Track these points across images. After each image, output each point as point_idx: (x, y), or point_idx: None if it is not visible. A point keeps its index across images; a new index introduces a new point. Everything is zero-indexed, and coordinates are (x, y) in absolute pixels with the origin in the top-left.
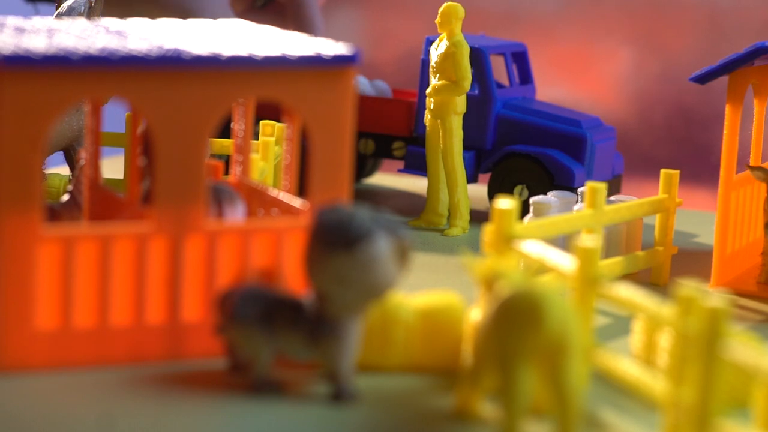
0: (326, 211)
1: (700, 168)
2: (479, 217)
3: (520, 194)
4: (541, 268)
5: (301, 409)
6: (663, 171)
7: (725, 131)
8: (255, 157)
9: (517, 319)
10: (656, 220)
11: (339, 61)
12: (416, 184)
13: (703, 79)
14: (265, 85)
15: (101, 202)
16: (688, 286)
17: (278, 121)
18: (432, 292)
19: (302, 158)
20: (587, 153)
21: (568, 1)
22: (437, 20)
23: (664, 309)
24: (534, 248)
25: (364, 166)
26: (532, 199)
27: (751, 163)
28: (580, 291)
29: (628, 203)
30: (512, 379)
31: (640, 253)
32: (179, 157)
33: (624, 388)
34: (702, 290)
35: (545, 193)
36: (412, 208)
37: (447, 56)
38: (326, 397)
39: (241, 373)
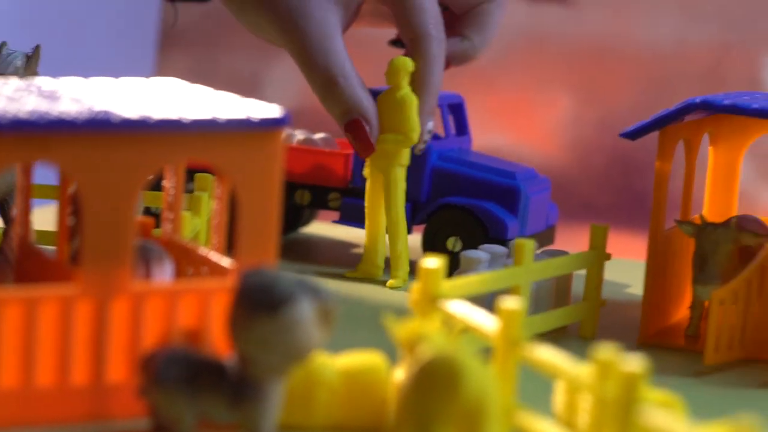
0: (250, 274)
1: (638, 215)
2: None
3: (454, 246)
4: (465, 329)
5: None
6: (592, 225)
7: (655, 186)
8: (186, 214)
9: (435, 384)
10: (585, 273)
11: (268, 123)
12: (352, 234)
13: (634, 135)
14: (194, 148)
15: (31, 262)
16: (605, 350)
17: (213, 174)
18: (356, 353)
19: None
20: (521, 205)
21: (507, 50)
22: (386, 72)
23: (583, 372)
24: (458, 308)
25: (300, 216)
26: (462, 254)
27: (681, 218)
28: (502, 352)
29: (556, 260)
30: None
31: (569, 307)
32: (107, 219)
33: None
34: (620, 353)
35: (479, 245)
36: (348, 258)
37: (396, 109)
38: None
39: None
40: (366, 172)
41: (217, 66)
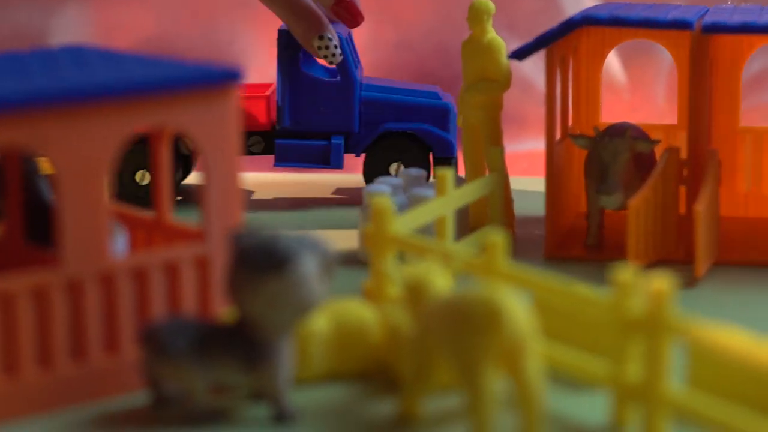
0: (245, 236)
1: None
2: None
3: (397, 172)
4: (461, 267)
5: None
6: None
7: (546, 103)
8: None
9: (477, 325)
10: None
11: (227, 78)
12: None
13: (520, 55)
14: (159, 111)
15: None
16: (625, 270)
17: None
18: (336, 300)
19: None
20: (452, 123)
21: None
22: (468, 18)
23: (601, 295)
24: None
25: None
26: (365, 190)
27: (565, 131)
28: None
29: (468, 186)
30: (479, 384)
31: (480, 232)
32: (82, 197)
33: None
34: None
35: (423, 168)
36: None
37: (484, 55)
38: (268, 419)
39: (168, 406)
40: (459, 122)
41: None
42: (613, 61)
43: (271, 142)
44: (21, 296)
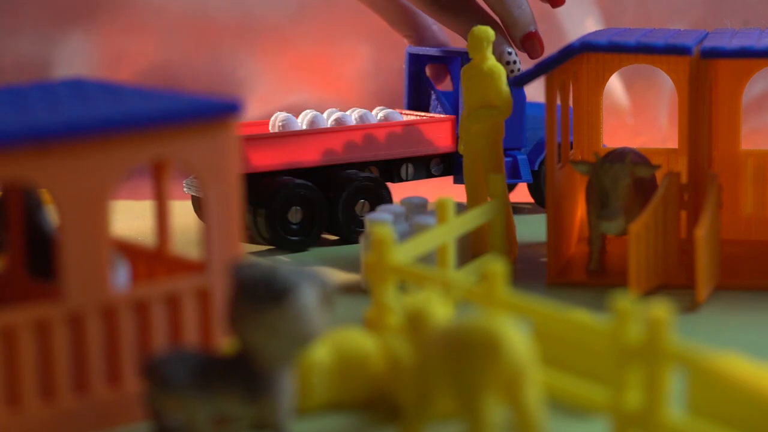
0: (244, 268)
1: None
2: None
3: None
4: (460, 295)
5: None
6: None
7: (547, 130)
8: None
9: (478, 355)
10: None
11: (226, 111)
12: None
13: (520, 82)
14: (158, 144)
15: None
16: (624, 297)
17: None
18: (336, 330)
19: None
20: None
21: (300, 6)
22: (468, 45)
23: (598, 321)
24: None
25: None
26: (366, 218)
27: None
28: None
29: (469, 213)
30: (479, 412)
31: (480, 260)
32: (84, 230)
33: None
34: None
35: None
36: None
37: (484, 82)
38: None
39: None
40: (460, 148)
41: None
42: (615, 85)
43: (452, 163)
44: (23, 329)
